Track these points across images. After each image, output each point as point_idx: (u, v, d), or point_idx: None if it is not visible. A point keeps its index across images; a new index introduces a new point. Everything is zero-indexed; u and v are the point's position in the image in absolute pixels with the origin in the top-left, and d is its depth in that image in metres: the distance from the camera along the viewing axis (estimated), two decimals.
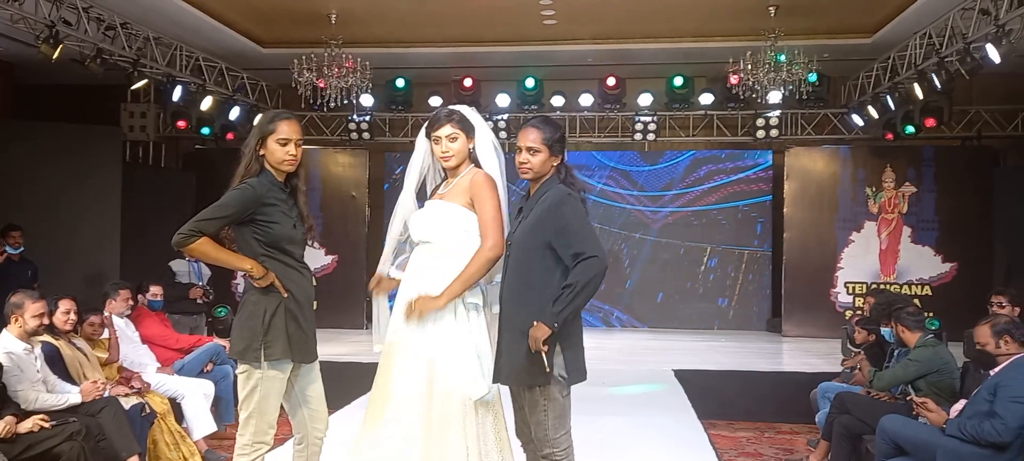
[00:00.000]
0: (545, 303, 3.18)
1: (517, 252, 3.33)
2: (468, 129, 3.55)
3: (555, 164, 3.44)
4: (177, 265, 8.19)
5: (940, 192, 11.27)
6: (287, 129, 3.41)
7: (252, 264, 3.32)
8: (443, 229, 3.47)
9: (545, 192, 3.37)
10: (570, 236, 3.22)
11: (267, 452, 3.41)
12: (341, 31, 9.68)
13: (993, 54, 7.92)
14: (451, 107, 3.61)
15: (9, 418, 4.15)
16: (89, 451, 4.20)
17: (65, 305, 5.17)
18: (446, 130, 3.51)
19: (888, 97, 10.36)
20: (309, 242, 3.49)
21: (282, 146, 3.41)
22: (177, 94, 10.16)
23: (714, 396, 7.36)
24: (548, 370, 3.18)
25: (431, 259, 3.46)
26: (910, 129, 10.36)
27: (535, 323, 3.14)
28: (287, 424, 3.61)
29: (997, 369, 4.15)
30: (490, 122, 11.98)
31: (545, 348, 3.14)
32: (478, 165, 3.55)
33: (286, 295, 3.31)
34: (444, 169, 3.60)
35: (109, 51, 8.84)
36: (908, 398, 4.69)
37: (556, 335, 3.16)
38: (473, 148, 3.56)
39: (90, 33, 8.56)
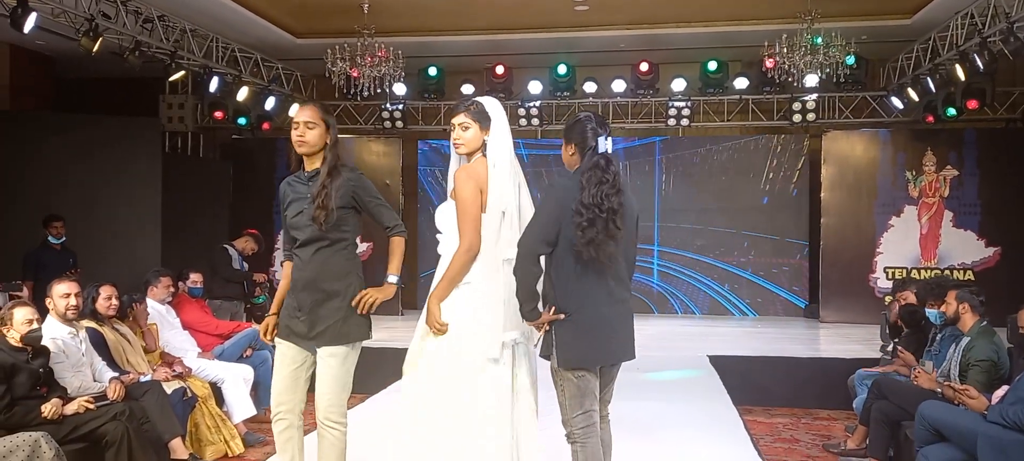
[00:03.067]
0: (549, 287, 3.33)
1: None
2: (482, 119, 3.55)
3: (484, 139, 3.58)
4: (233, 249, 8.33)
5: (983, 175, 11.02)
6: (295, 112, 3.59)
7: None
8: (443, 222, 3.56)
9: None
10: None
11: (278, 423, 3.67)
12: (373, 21, 9.73)
13: None
14: (475, 97, 3.65)
15: (56, 400, 4.26)
16: (133, 432, 4.30)
17: (106, 291, 5.29)
18: (460, 118, 3.54)
19: (928, 79, 10.15)
20: (319, 226, 3.46)
21: (294, 129, 3.54)
22: (214, 85, 10.33)
23: (750, 382, 7.31)
24: (549, 355, 3.32)
25: (443, 250, 3.57)
26: (952, 111, 10.13)
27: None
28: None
29: None
30: (523, 109, 12.04)
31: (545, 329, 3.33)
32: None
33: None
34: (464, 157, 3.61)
35: (147, 44, 9.00)
36: (947, 383, 4.60)
37: (554, 322, 3.29)
38: (488, 140, 3.54)
39: (128, 26, 8.72)
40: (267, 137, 12.39)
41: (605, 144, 3.41)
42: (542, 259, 3.30)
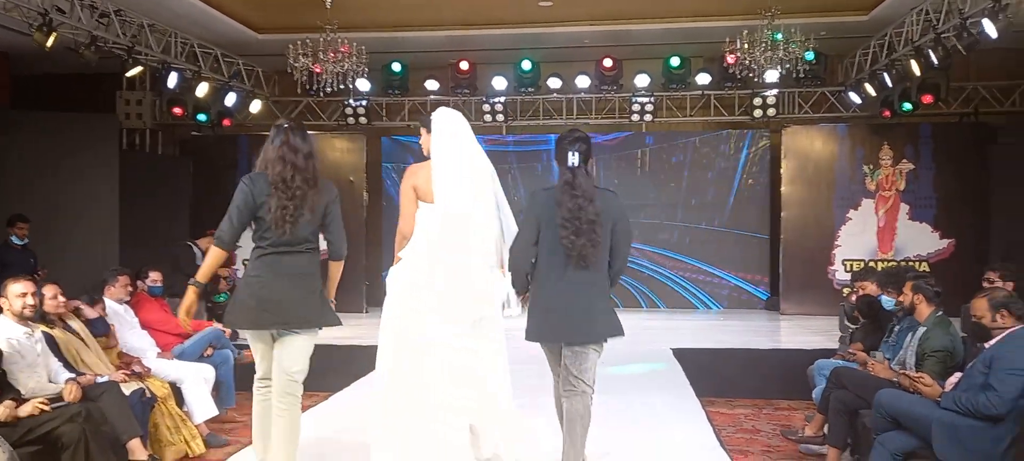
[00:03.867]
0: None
1: None
2: (428, 127, 4.17)
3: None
4: (197, 248, 8.22)
5: (938, 169, 11.28)
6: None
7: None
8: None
9: None
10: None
11: (262, 381, 4.08)
12: (336, 16, 9.65)
13: (990, 29, 7.91)
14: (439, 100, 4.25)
15: (8, 402, 4.16)
16: (90, 434, 4.21)
17: (50, 290, 5.17)
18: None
19: (885, 74, 10.35)
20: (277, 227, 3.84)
21: None
22: (173, 81, 10.16)
23: (713, 374, 7.39)
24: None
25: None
26: (907, 106, 10.34)
27: None
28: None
29: (992, 342, 4.16)
30: (487, 105, 12.03)
31: None
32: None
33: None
34: None
35: (103, 38, 8.82)
36: (902, 372, 4.70)
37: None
38: (430, 146, 4.13)
39: (84, 20, 8.54)
40: (228, 133, 12.23)
41: (573, 159, 3.90)
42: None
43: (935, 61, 9.09)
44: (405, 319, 3.97)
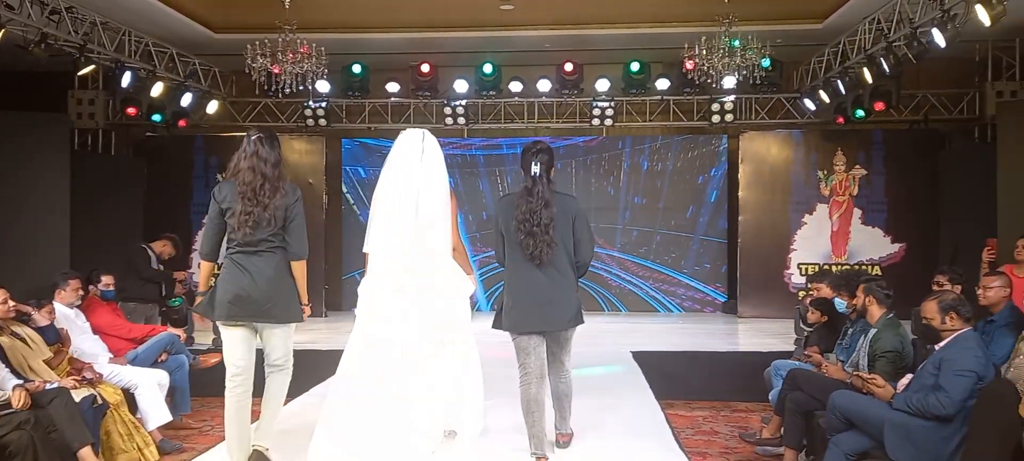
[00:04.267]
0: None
1: None
2: None
3: None
4: (151, 251, 8.03)
5: (889, 174, 11.55)
6: None
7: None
8: None
9: None
10: None
11: (233, 377, 4.28)
12: (295, 16, 9.54)
13: (939, 38, 8.11)
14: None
15: None
16: (39, 441, 4.10)
17: (1, 294, 5.04)
18: None
19: (839, 81, 10.56)
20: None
21: None
22: (126, 80, 9.93)
23: (671, 377, 7.47)
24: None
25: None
26: (860, 113, 10.57)
27: None
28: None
29: (942, 344, 4.27)
30: (449, 107, 12.01)
31: None
32: None
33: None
34: None
35: (54, 36, 8.59)
36: (855, 373, 4.79)
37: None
38: None
39: (33, 17, 8.30)
40: (183, 134, 12.01)
41: (536, 168, 4.28)
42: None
43: (887, 69, 9.31)
44: (372, 323, 4.27)
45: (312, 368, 7.30)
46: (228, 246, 4.23)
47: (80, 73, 9.72)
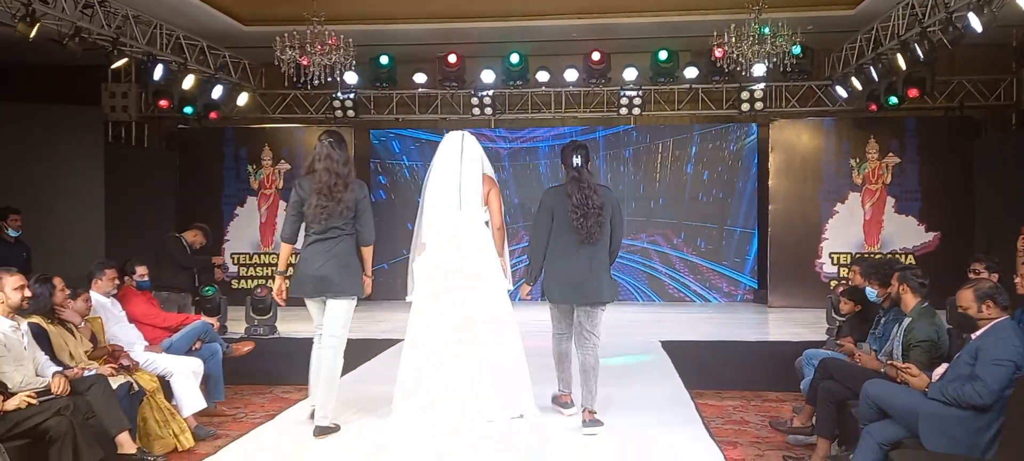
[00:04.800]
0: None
1: None
2: None
3: None
4: (184, 240, 8.18)
5: (923, 162, 11.37)
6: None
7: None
8: None
9: None
10: None
11: (316, 339, 5.14)
12: (323, 8, 9.60)
13: (975, 23, 7.96)
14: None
15: None
16: (78, 427, 4.18)
17: (58, 282, 5.15)
18: None
19: (871, 68, 10.40)
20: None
21: None
22: (158, 73, 10.07)
23: (701, 366, 7.42)
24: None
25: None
26: (893, 100, 10.40)
27: None
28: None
29: (978, 333, 4.20)
30: (475, 98, 12.02)
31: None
32: None
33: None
34: None
35: (87, 30, 8.73)
36: (890, 362, 4.73)
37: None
38: None
39: (67, 11, 8.44)
40: (214, 126, 12.16)
41: (578, 160, 5.01)
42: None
43: (921, 55, 9.15)
44: (429, 290, 5.11)
45: (345, 356, 7.40)
46: (306, 232, 5.00)
47: (113, 66, 9.88)
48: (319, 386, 4.98)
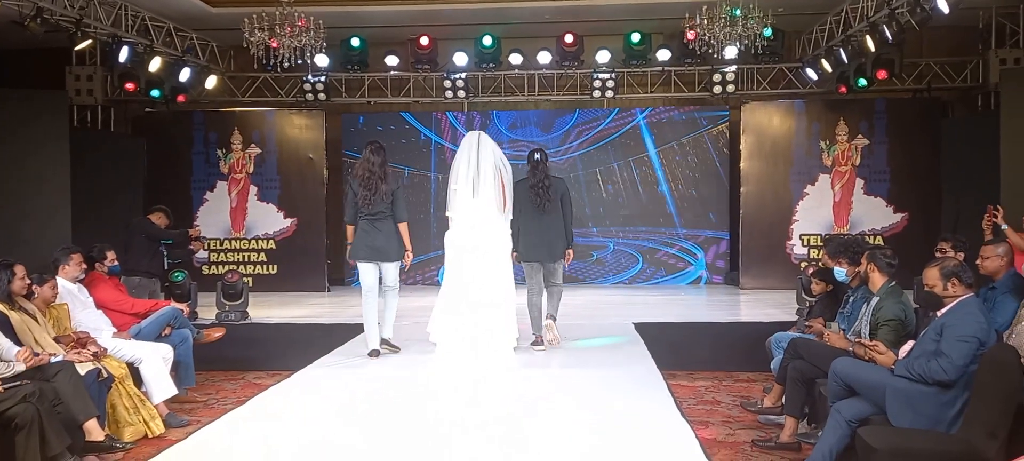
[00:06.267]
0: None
1: None
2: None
3: None
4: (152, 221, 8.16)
5: (891, 144, 11.51)
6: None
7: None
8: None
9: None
10: None
11: (367, 294, 6.70)
12: None
13: (942, 5, 8.05)
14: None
15: None
16: (44, 414, 4.12)
17: (19, 270, 5.05)
18: None
19: (841, 50, 10.49)
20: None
21: None
22: (124, 55, 9.88)
23: (674, 347, 7.47)
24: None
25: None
26: (862, 82, 10.50)
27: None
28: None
29: (944, 310, 4.27)
30: (448, 80, 11.96)
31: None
32: None
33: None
34: None
35: (50, 10, 8.54)
36: (858, 340, 4.80)
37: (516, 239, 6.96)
38: None
39: None
40: (182, 110, 11.98)
41: (537, 157, 6.92)
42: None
43: (889, 37, 9.24)
44: (455, 253, 6.67)
45: (317, 341, 7.36)
46: (359, 214, 6.59)
47: (77, 48, 9.68)
48: (385, 319, 6.79)
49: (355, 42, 11.66)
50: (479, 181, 6.61)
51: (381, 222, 6.56)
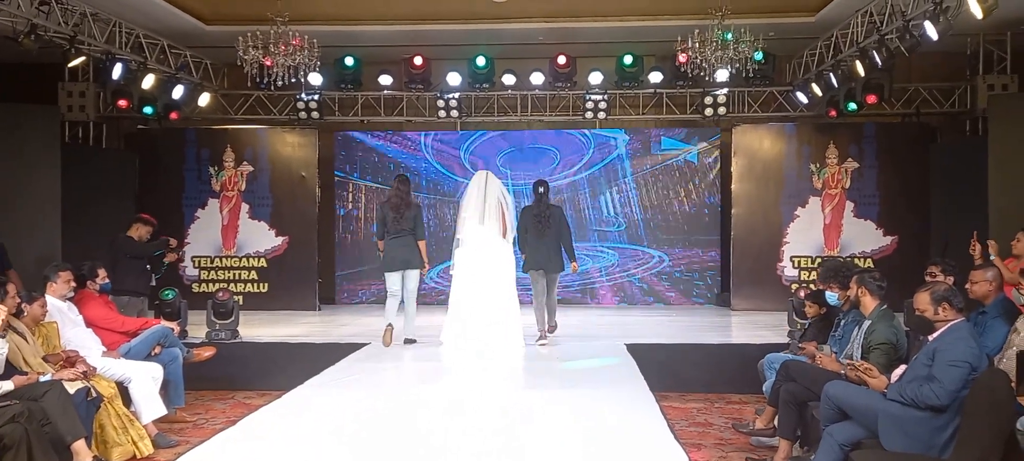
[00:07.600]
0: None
1: None
2: None
3: None
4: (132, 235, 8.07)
5: (881, 167, 11.59)
6: None
7: None
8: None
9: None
10: None
11: (392, 297, 8.09)
12: (287, 7, 9.49)
13: (931, 31, 8.13)
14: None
15: None
16: (33, 434, 4.08)
17: (11, 289, 5.02)
18: None
19: (831, 75, 10.58)
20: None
21: None
22: (117, 72, 9.86)
23: (666, 369, 7.47)
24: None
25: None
26: (852, 106, 10.59)
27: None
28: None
29: (935, 335, 4.29)
30: (441, 100, 12.00)
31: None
32: None
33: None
34: None
35: (44, 27, 8.52)
36: (850, 363, 4.81)
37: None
38: None
39: (23, 8, 8.23)
40: (175, 127, 11.96)
41: (540, 190, 8.28)
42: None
43: (879, 62, 9.33)
44: (463, 269, 8.02)
45: (308, 360, 7.32)
46: (388, 233, 7.99)
47: (70, 65, 9.64)
48: (407, 317, 8.04)
49: (349, 61, 11.68)
50: (486, 212, 8.02)
51: (405, 238, 7.98)
